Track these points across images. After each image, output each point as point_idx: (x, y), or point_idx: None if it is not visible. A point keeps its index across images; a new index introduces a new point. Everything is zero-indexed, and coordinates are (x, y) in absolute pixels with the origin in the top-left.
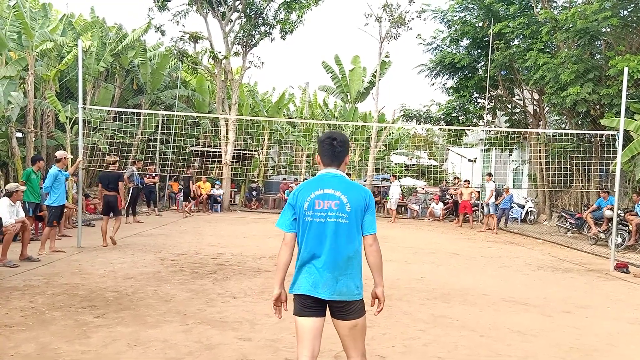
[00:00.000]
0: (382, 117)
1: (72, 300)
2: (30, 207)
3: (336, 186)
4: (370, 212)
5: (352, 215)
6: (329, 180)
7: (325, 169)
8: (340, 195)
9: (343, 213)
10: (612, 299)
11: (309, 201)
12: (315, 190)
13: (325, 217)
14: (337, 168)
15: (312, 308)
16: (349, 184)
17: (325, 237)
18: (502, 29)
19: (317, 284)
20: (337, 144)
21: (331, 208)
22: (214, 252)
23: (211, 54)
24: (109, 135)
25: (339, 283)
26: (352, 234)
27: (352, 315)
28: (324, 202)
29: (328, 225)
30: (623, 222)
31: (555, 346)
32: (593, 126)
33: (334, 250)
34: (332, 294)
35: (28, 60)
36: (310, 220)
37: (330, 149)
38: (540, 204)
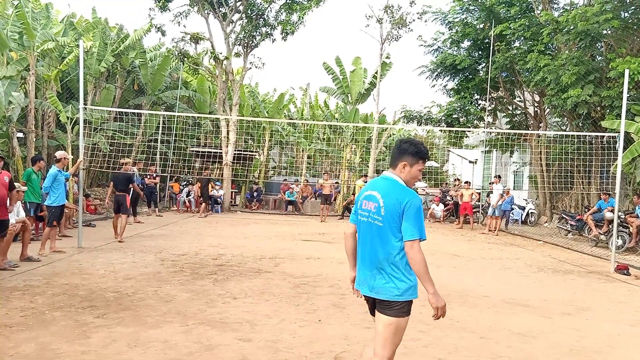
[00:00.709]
0: (383, 118)
1: (72, 300)
2: (31, 207)
3: (380, 189)
4: (408, 217)
5: (387, 219)
6: (379, 182)
7: (385, 171)
8: (379, 198)
9: (378, 216)
10: (612, 301)
11: (361, 200)
12: (367, 191)
13: (367, 217)
14: (392, 170)
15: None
16: (392, 188)
17: (366, 236)
18: (503, 30)
19: (359, 280)
20: (401, 145)
21: (371, 210)
22: (214, 252)
23: (212, 54)
24: (109, 136)
25: (376, 280)
26: (387, 237)
27: (389, 311)
28: (368, 202)
29: (368, 226)
30: (624, 224)
31: (556, 348)
32: (594, 128)
33: (370, 249)
34: (370, 290)
35: (29, 61)
36: (359, 218)
37: (394, 150)
38: (541, 206)
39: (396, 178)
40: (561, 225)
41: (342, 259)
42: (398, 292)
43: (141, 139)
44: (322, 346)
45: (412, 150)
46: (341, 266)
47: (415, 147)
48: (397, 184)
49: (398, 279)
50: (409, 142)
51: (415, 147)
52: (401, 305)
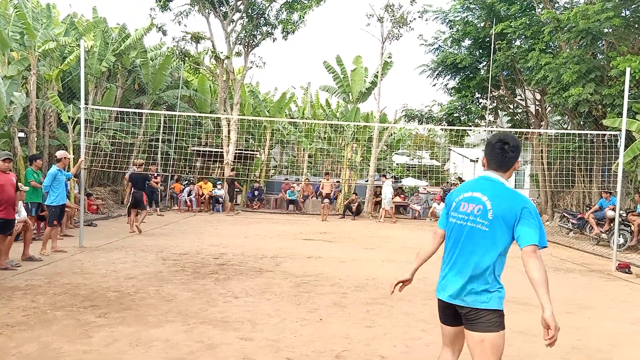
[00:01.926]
0: (384, 117)
1: (74, 300)
2: (32, 206)
3: (485, 190)
4: (525, 223)
5: (495, 224)
6: (483, 183)
7: (487, 172)
8: (486, 200)
9: (484, 219)
10: (614, 300)
11: (457, 202)
12: (466, 192)
13: (466, 220)
14: (503, 173)
15: (445, 314)
16: (501, 190)
17: (463, 241)
18: (504, 29)
19: (446, 287)
20: (509, 148)
21: (473, 212)
22: (215, 252)
23: (213, 54)
24: (111, 135)
25: (466, 289)
26: (492, 243)
27: (479, 325)
28: (468, 205)
29: (467, 229)
30: (625, 223)
31: (557, 346)
32: (595, 126)
33: (468, 255)
34: (456, 297)
35: (30, 60)
36: (454, 221)
37: (501, 154)
38: (542, 204)
39: (503, 180)
40: (562, 223)
41: (343, 258)
42: (487, 298)
43: (142, 138)
44: (323, 345)
45: (519, 151)
46: (342, 265)
47: (519, 146)
48: (505, 187)
49: (491, 285)
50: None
51: (520, 146)
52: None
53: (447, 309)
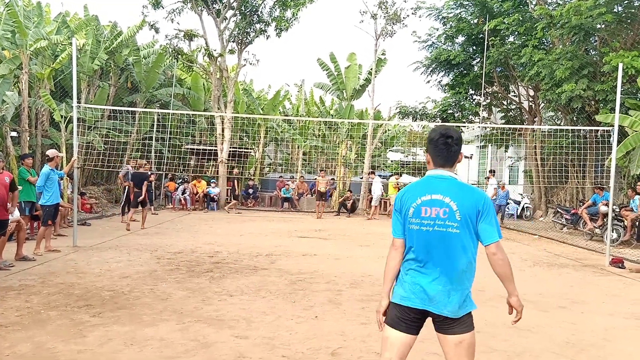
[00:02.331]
0: (378, 114)
1: (68, 299)
2: (26, 206)
3: (445, 191)
4: (487, 218)
5: (464, 224)
6: (438, 183)
7: (435, 170)
8: (450, 201)
9: (452, 222)
10: (607, 294)
11: (415, 207)
12: (422, 195)
13: (432, 225)
14: (449, 169)
15: (408, 322)
16: (461, 188)
17: (434, 247)
18: (497, 25)
19: (420, 296)
20: (452, 142)
21: (439, 216)
22: (210, 250)
23: (206, 51)
24: (104, 134)
25: (449, 297)
26: (464, 244)
27: (456, 328)
28: (431, 209)
29: (434, 235)
30: (618, 218)
31: (551, 341)
32: (588, 122)
33: (445, 261)
34: (437, 307)
35: (22, 59)
36: (417, 228)
37: (445, 149)
38: (536, 200)
39: (455, 176)
40: (556, 219)
41: (338, 255)
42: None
43: (136, 137)
44: (319, 342)
45: (462, 143)
46: (337, 262)
47: (461, 138)
48: (461, 183)
49: (467, 289)
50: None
51: (462, 138)
52: (468, 316)
53: (415, 317)
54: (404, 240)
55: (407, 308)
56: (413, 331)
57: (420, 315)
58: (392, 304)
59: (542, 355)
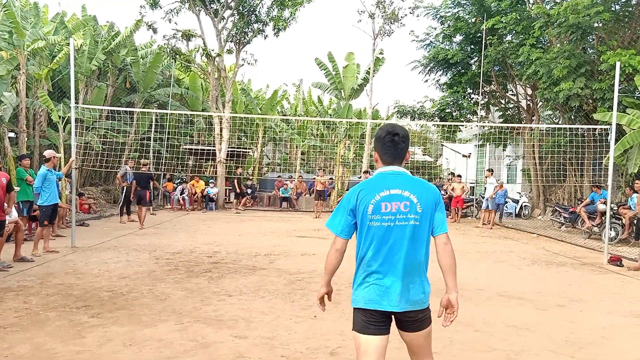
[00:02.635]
0: (377, 113)
1: (67, 300)
2: (24, 206)
3: (403, 185)
4: (440, 210)
5: (424, 216)
6: (394, 179)
7: (386, 167)
8: (410, 195)
9: (414, 214)
10: (606, 293)
11: (374, 204)
12: (380, 192)
13: (394, 220)
14: (399, 165)
15: (377, 324)
16: (416, 182)
17: (396, 242)
18: (495, 24)
19: (387, 296)
20: (399, 139)
21: (400, 210)
22: (209, 250)
23: (204, 51)
24: (102, 135)
25: (411, 292)
26: (424, 236)
27: (426, 323)
28: (391, 203)
29: (398, 230)
30: (616, 216)
31: (550, 340)
32: (586, 121)
33: (406, 256)
34: (406, 304)
35: (20, 60)
36: (378, 225)
37: (392, 146)
38: (535, 199)
39: (407, 172)
40: (554, 217)
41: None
42: (427, 297)
43: (134, 137)
44: (318, 342)
45: (409, 140)
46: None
47: (408, 135)
48: (415, 178)
49: (426, 281)
50: (403, 132)
51: (409, 136)
52: (429, 310)
53: (382, 317)
54: (347, 242)
55: (373, 312)
56: (384, 331)
57: (386, 315)
58: (357, 310)
59: (540, 353)
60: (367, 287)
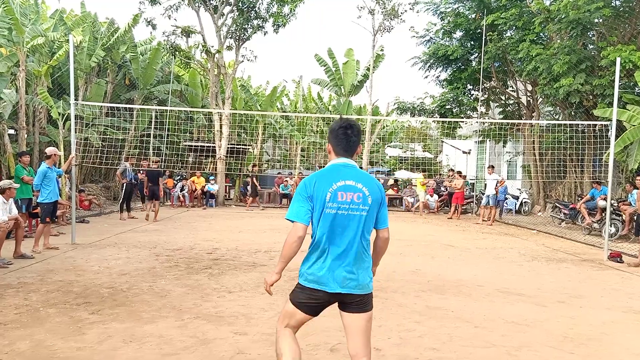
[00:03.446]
0: (376, 109)
1: (67, 297)
2: (23, 203)
3: (356, 178)
4: (385, 206)
5: (372, 208)
6: (347, 171)
7: (339, 159)
8: (362, 187)
9: (365, 205)
10: (606, 289)
11: (332, 192)
12: (337, 182)
13: (348, 209)
14: (350, 158)
15: (314, 307)
16: (366, 176)
17: (346, 230)
18: (495, 20)
19: (335, 279)
20: (352, 133)
21: (353, 200)
22: (209, 247)
23: (204, 48)
24: (101, 131)
25: (358, 276)
26: (368, 226)
27: (368, 306)
28: (346, 193)
29: (349, 218)
30: (616, 212)
31: (550, 336)
32: (586, 117)
33: (354, 243)
34: (353, 288)
35: (19, 56)
36: (334, 212)
37: (345, 139)
38: (535, 195)
39: (357, 165)
40: (555, 214)
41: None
42: (371, 282)
43: (133, 134)
44: (318, 338)
45: (361, 134)
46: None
47: (360, 130)
48: (365, 172)
49: (370, 268)
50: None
51: (360, 130)
52: (372, 296)
53: (325, 301)
54: (306, 228)
55: (318, 292)
56: (313, 313)
57: (331, 300)
58: (301, 287)
59: (540, 349)
60: (317, 268)
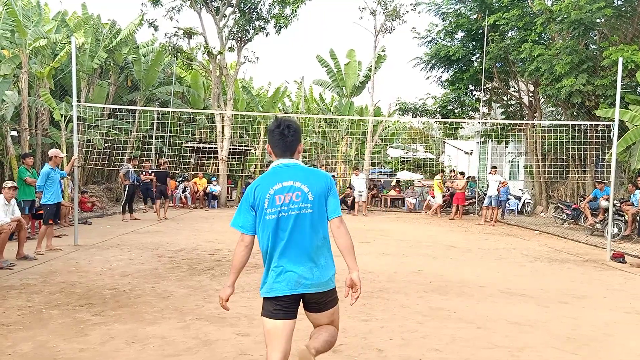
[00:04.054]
0: (378, 110)
1: (70, 298)
2: (25, 205)
3: (294, 177)
4: (333, 195)
5: (316, 203)
6: (285, 171)
7: (279, 160)
8: (300, 185)
9: (306, 203)
10: (608, 289)
11: (269, 198)
12: (274, 185)
13: (287, 210)
14: (291, 157)
15: (285, 310)
16: (307, 172)
17: (292, 231)
18: (497, 20)
19: (291, 282)
20: (288, 133)
21: (292, 200)
22: (211, 248)
23: (205, 49)
24: (104, 133)
25: (314, 275)
26: (318, 222)
27: (330, 304)
28: (284, 195)
29: (292, 219)
30: (619, 212)
31: (553, 336)
32: (588, 117)
33: (302, 242)
34: (310, 287)
35: (22, 58)
36: (275, 217)
37: (281, 139)
38: (537, 196)
39: (299, 162)
40: (557, 214)
41: (338, 252)
42: (332, 279)
43: (136, 135)
44: None
45: (299, 133)
46: (337, 259)
47: (299, 129)
48: (307, 168)
49: (330, 266)
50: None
51: (299, 129)
52: (335, 292)
53: (290, 302)
54: (254, 237)
55: (277, 298)
56: (292, 315)
57: (294, 299)
58: (265, 300)
59: (543, 350)
60: (272, 277)
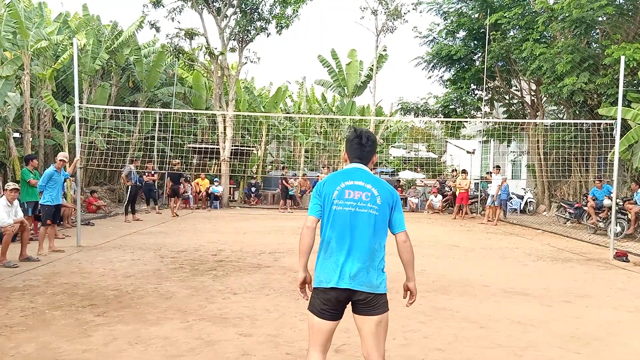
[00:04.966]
0: (380, 110)
1: (72, 299)
2: (29, 206)
3: (366, 179)
4: (399, 210)
5: (382, 209)
6: (359, 173)
7: (352, 164)
8: (371, 187)
9: (374, 205)
10: (612, 288)
11: (339, 190)
12: (346, 181)
13: (355, 206)
14: (365, 166)
15: (332, 311)
16: (378, 179)
17: (355, 227)
18: (498, 19)
19: (343, 274)
20: (366, 143)
21: (362, 199)
22: (213, 248)
23: (207, 50)
24: (106, 134)
25: (369, 274)
26: (380, 226)
27: (379, 309)
28: (354, 192)
29: (358, 215)
30: (622, 211)
31: (556, 336)
32: (590, 116)
33: (363, 240)
34: (362, 285)
35: (24, 60)
36: (340, 209)
37: (359, 148)
38: (539, 195)
39: (370, 171)
40: (560, 213)
41: None
42: (383, 284)
43: (138, 136)
44: None
45: (376, 145)
46: None
47: (375, 140)
48: (378, 177)
49: (382, 271)
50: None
51: (375, 140)
52: (385, 297)
53: (338, 301)
54: (318, 220)
55: (330, 291)
56: (336, 317)
57: (342, 298)
58: (315, 290)
59: (546, 349)
60: (326, 266)
